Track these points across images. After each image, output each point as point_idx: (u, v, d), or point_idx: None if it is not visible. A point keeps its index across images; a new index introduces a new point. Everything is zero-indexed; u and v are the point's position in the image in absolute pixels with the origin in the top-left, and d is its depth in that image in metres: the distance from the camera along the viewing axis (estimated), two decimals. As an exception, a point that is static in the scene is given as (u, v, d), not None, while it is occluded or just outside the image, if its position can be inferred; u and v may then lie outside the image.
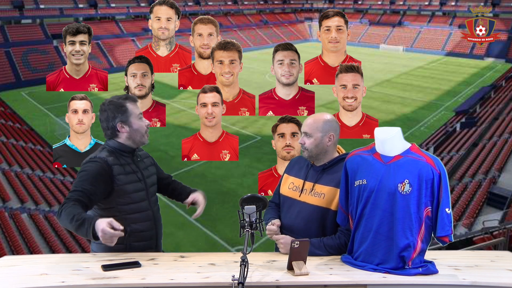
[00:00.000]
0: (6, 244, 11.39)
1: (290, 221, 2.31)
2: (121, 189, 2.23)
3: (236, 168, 16.22)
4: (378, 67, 36.09)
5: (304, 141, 2.26)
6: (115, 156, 2.27)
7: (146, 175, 2.38)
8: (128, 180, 2.26)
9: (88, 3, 41.65)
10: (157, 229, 2.39)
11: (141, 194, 2.31)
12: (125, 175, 2.26)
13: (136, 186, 2.29)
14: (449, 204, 1.97)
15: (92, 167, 2.19)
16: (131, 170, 2.30)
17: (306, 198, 2.28)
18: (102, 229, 1.92)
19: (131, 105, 2.32)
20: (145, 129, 2.35)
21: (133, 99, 2.35)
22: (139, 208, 2.29)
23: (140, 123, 2.32)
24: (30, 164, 16.99)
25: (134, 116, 2.31)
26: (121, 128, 2.30)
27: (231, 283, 1.73)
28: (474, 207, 13.22)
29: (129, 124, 2.30)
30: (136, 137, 2.32)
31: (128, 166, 2.29)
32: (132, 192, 2.27)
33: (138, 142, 2.34)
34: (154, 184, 2.45)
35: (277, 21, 55.49)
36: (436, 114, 24.71)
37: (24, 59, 33.31)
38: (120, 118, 2.29)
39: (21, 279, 1.92)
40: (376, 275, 1.98)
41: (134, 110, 2.31)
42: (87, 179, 2.15)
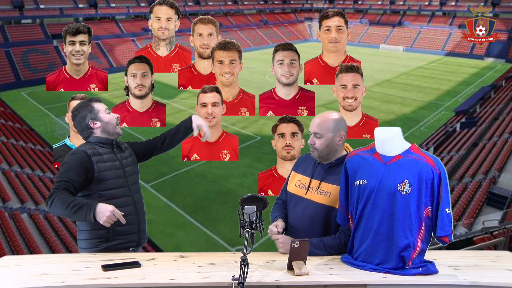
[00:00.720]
0: (6, 244, 11.39)
1: (296, 219, 2.32)
2: (101, 175, 2.40)
3: (236, 168, 16.23)
4: (378, 67, 36.09)
5: (314, 142, 2.24)
6: (94, 148, 2.45)
7: (125, 164, 2.54)
8: (107, 167, 2.43)
9: (88, 3, 41.64)
10: (138, 214, 2.53)
11: (120, 181, 2.47)
12: (104, 162, 2.43)
13: (116, 173, 2.45)
14: (449, 204, 1.97)
15: (73, 158, 2.38)
16: (111, 159, 2.47)
17: (312, 196, 2.28)
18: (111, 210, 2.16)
19: (96, 104, 2.52)
20: (115, 121, 2.53)
21: (96, 99, 2.56)
22: (119, 194, 2.45)
23: (109, 116, 2.51)
24: (30, 164, 16.99)
25: (102, 111, 2.50)
26: (93, 124, 2.49)
27: (231, 283, 1.73)
28: (474, 207, 13.22)
29: (99, 119, 2.49)
30: (109, 129, 2.50)
31: (107, 155, 2.47)
32: (111, 178, 2.43)
33: (112, 133, 2.52)
34: (134, 174, 2.59)
35: (277, 21, 55.48)
36: (436, 114, 24.71)
37: (24, 59, 33.31)
38: (89, 116, 2.48)
39: (21, 279, 1.92)
40: (376, 275, 1.98)
41: (100, 107, 2.51)
42: (70, 169, 2.34)
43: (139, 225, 2.53)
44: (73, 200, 2.22)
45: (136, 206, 2.52)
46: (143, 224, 2.58)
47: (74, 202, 2.20)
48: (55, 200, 2.22)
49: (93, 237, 2.39)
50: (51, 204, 2.24)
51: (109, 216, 2.16)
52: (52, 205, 2.24)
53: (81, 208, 2.18)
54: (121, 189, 2.46)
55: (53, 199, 2.23)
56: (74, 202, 2.20)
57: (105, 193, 2.40)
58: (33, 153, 18.36)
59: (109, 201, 2.32)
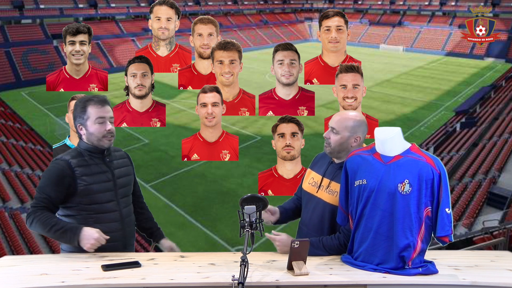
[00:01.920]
0: (6, 244, 11.39)
1: (307, 216, 2.34)
2: (86, 189, 2.23)
3: (236, 168, 16.22)
4: (378, 67, 36.09)
5: (330, 136, 2.24)
6: (82, 157, 2.27)
7: (118, 175, 2.35)
8: (94, 180, 2.25)
9: (88, 3, 41.65)
10: (124, 231, 2.36)
11: (108, 195, 2.29)
12: (91, 176, 2.25)
13: (103, 186, 2.28)
14: (449, 204, 1.97)
15: (53, 171, 2.22)
16: (100, 170, 2.29)
17: (321, 195, 2.29)
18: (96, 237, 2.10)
19: (92, 108, 2.27)
20: (103, 133, 2.27)
21: (99, 100, 2.30)
22: (103, 209, 2.28)
23: (97, 127, 2.27)
24: (30, 164, 16.98)
25: (92, 120, 2.27)
26: (80, 130, 2.31)
27: (231, 283, 1.73)
28: (474, 207, 13.22)
29: (85, 127, 2.29)
30: (93, 141, 2.29)
31: (96, 166, 2.28)
32: (97, 193, 2.26)
33: (96, 145, 2.30)
34: (126, 185, 2.42)
35: (277, 21, 55.48)
36: (436, 114, 24.71)
37: (24, 59, 33.31)
38: (78, 120, 2.30)
39: (21, 279, 1.92)
40: (376, 275, 1.98)
41: (92, 113, 2.27)
42: (49, 184, 2.20)
43: (125, 241, 2.36)
44: (55, 223, 2.14)
45: (123, 221, 2.35)
46: (130, 240, 2.41)
47: (57, 225, 2.13)
48: (35, 220, 2.15)
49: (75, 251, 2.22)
50: (31, 224, 2.17)
51: (93, 244, 2.10)
52: (32, 225, 2.17)
53: (64, 232, 2.12)
54: (108, 204, 2.29)
55: (33, 219, 2.15)
56: (56, 226, 2.13)
57: (88, 207, 2.24)
58: (33, 153, 18.35)
59: (93, 215, 2.23)
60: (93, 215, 2.25)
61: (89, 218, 2.24)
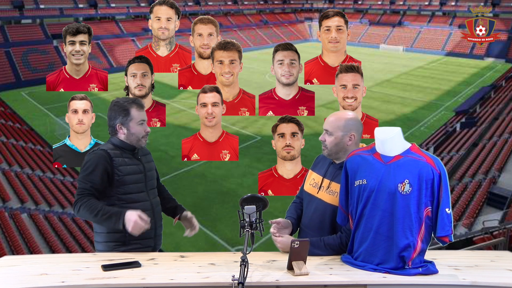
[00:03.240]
0: (6, 244, 11.39)
1: (308, 217, 2.34)
2: (121, 179, 2.39)
3: (236, 168, 16.23)
4: (378, 67, 36.09)
5: (325, 139, 2.26)
6: (117, 150, 2.44)
7: (147, 168, 2.53)
8: (129, 171, 2.42)
9: (88, 3, 41.65)
10: (155, 219, 2.51)
11: (139, 186, 2.45)
12: (126, 166, 2.42)
13: (136, 178, 2.44)
14: (449, 204, 1.97)
15: (95, 159, 2.37)
16: (133, 163, 2.46)
17: (322, 195, 2.30)
18: (135, 220, 2.21)
19: (135, 111, 2.47)
20: (143, 134, 2.49)
21: (140, 105, 2.50)
22: (137, 198, 2.43)
23: (139, 129, 2.47)
24: (30, 164, 16.99)
25: (134, 121, 2.46)
26: (119, 129, 2.46)
27: (231, 283, 1.73)
28: (474, 207, 13.22)
29: (128, 128, 2.46)
30: (132, 140, 2.47)
31: (129, 159, 2.46)
32: (131, 183, 2.42)
33: (134, 144, 2.49)
34: (153, 178, 2.60)
35: (277, 21, 55.48)
36: (436, 114, 24.72)
37: (24, 59, 33.31)
38: (120, 120, 2.45)
39: (21, 279, 1.92)
40: (376, 275, 1.98)
41: (135, 116, 2.46)
42: (92, 171, 2.35)
43: (156, 230, 2.52)
44: (101, 208, 2.27)
45: (154, 211, 2.51)
46: (159, 229, 2.58)
47: (103, 211, 2.27)
48: (82, 207, 2.29)
49: (110, 240, 2.39)
50: (78, 211, 2.31)
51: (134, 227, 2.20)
52: (79, 212, 2.31)
53: (110, 217, 2.26)
54: (140, 194, 2.45)
55: (80, 207, 2.30)
56: (102, 211, 2.26)
57: (124, 197, 2.40)
58: (33, 153, 18.36)
59: (127, 205, 2.35)
60: (128, 204, 2.37)
61: (124, 207, 2.34)
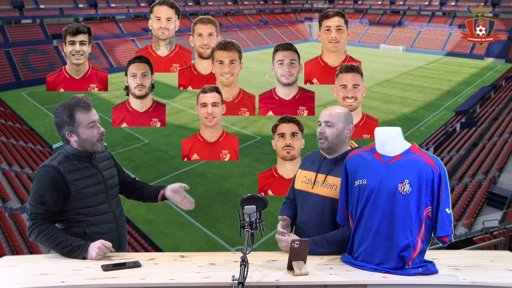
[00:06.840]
0: (6, 244, 11.39)
1: (306, 214, 2.34)
2: (79, 193, 2.21)
3: (236, 168, 16.23)
4: (378, 67, 36.09)
5: (325, 131, 2.27)
6: (71, 161, 2.24)
7: (107, 177, 2.36)
8: (87, 184, 2.24)
9: (88, 3, 41.65)
10: (119, 231, 2.38)
11: (100, 197, 2.29)
12: (83, 179, 2.24)
13: (96, 189, 2.28)
14: (449, 204, 1.97)
15: (44, 179, 2.17)
16: (91, 173, 2.28)
17: (318, 190, 2.30)
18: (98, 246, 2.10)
19: (80, 114, 2.23)
20: (97, 137, 2.27)
21: (84, 106, 2.25)
22: (98, 211, 2.28)
23: (90, 132, 2.25)
24: (30, 164, 16.98)
25: (83, 126, 2.24)
26: (69, 137, 2.26)
27: (231, 283, 1.73)
28: (474, 207, 13.22)
29: (77, 134, 2.24)
30: (86, 146, 2.27)
31: (86, 170, 2.27)
32: (90, 196, 2.25)
33: (89, 150, 2.29)
34: (115, 186, 2.43)
35: (277, 21, 55.48)
36: (436, 114, 24.72)
37: (24, 59, 33.31)
38: (67, 128, 2.24)
39: (21, 279, 1.92)
40: (376, 275, 1.98)
41: (82, 120, 2.23)
42: (43, 194, 2.15)
43: (119, 242, 2.37)
44: (63, 239, 2.11)
45: (117, 222, 2.37)
46: (123, 241, 2.43)
47: (64, 242, 2.11)
48: (40, 235, 2.13)
49: None
50: (35, 237, 2.15)
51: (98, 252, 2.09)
52: (36, 239, 2.15)
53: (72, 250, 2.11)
54: (101, 206, 2.29)
55: (37, 234, 2.13)
56: (64, 243, 2.11)
57: (84, 211, 2.23)
58: (33, 153, 18.36)
59: (87, 219, 2.23)
60: (88, 218, 2.24)
61: (84, 221, 2.24)
